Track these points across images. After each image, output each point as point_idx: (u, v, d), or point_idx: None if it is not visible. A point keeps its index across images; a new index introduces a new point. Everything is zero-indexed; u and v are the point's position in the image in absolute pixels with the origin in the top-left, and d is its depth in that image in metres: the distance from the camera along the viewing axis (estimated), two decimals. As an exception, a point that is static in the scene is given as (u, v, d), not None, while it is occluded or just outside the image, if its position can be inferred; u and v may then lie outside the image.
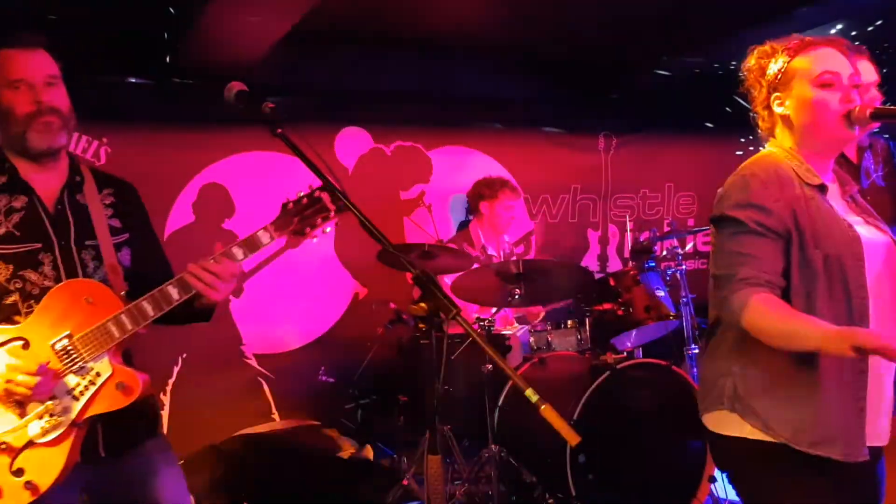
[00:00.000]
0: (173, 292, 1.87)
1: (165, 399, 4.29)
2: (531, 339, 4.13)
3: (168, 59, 4.13)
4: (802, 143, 1.88)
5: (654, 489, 3.44)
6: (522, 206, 5.44)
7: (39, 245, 1.90)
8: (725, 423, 1.87)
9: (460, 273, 3.87)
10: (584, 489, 3.28)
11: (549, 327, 4.17)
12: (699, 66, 5.02)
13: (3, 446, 1.79)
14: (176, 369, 4.30)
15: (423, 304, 1.65)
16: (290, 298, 4.67)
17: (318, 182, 1.86)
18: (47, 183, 1.97)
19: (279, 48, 3.98)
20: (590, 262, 5.77)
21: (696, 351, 4.25)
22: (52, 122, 1.91)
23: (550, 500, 3.41)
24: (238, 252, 1.92)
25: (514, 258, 4.78)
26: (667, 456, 3.48)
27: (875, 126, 1.87)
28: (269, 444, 3.96)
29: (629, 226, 4.99)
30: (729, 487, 3.34)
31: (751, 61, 1.96)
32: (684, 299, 4.36)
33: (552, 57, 5.21)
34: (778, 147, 1.91)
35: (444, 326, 2.10)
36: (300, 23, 3.65)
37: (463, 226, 4.99)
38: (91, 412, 1.82)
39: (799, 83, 1.85)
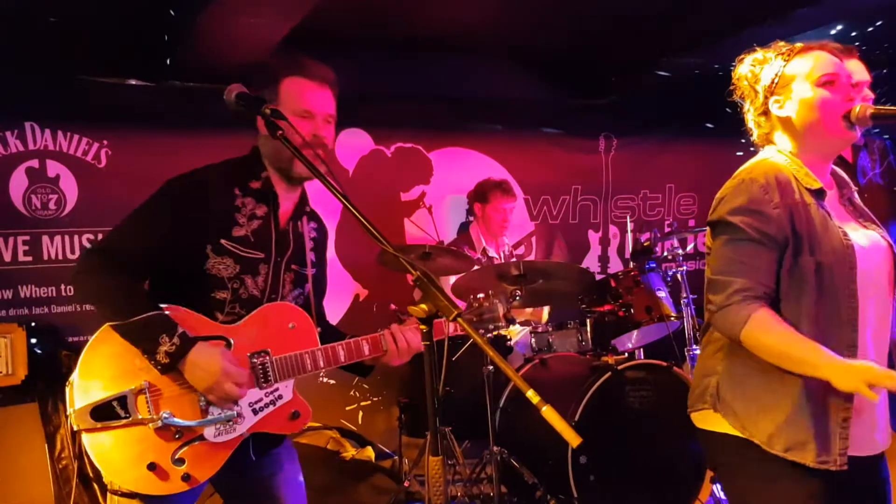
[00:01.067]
0: (365, 347, 2.05)
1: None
2: (532, 340, 4.13)
3: (168, 62, 4.13)
4: (804, 144, 1.88)
5: (656, 490, 3.44)
6: (522, 207, 5.45)
7: (263, 255, 2.00)
8: (708, 420, 1.90)
9: (461, 274, 3.87)
10: (586, 490, 3.28)
11: (550, 328, 4.17)
12: (699, 67, 5.01)
13: (177, 434, 1.85)
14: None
15: (423, 306, 1.64)
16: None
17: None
18: (286, 202, 2.07)
19: (279, 50, 3.98)
20: (590, 263, 5.77)
21: (697, 352, 4.25)
22: (321, 157, 1.99)
23: (552, 501, 3.41)
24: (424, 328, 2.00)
25: (514, 260, 4.79)
26: (668, 456, 3.48)
27: (870, 125, 1.87)
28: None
29: (630, 227, 4.99)
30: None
31: (742, 69, 1.95)
32: (685, 300, 4.36)
33: (553, 58, 5.21)
34: (777, 152, 1.90)
35: (446, 328, 2.11)
36: (300, 24, 3.66)
37: (464, 228, 4.99)
38: (263, 428, 1.94)
39: (799, 84, 1.84)
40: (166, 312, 1.85)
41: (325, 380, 4.77)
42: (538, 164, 5.53)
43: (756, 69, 1.92)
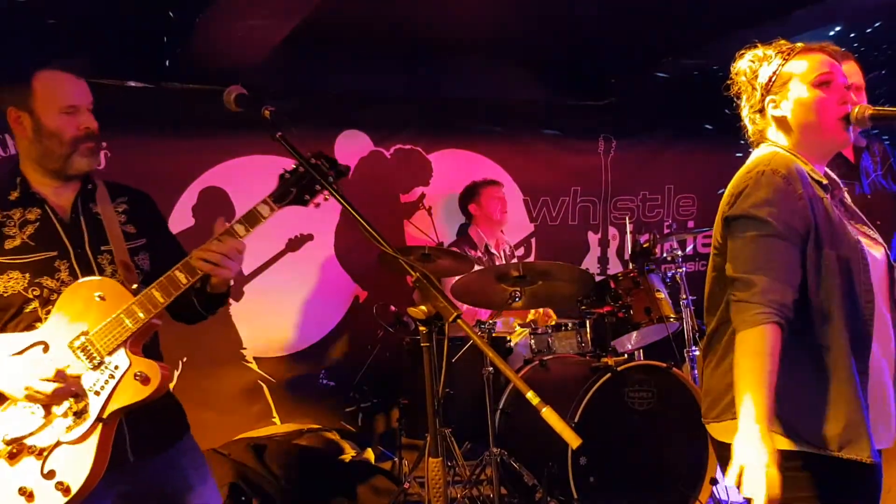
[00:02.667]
0: (180, 276, 1.89)
1: (166, 403, 4.28)
2: (532, 342, 4.13)
3: (168, 63, 4.13)
4: (799, 144, 1.87)
5: (656, 491, 3.44)
6: (521, 208, 5.45)
7: (55, 253, 1.95)
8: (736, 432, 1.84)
9: (460, 276, 3.87)
10: (586, 491, 3.28)
11: (549, 330, 4.17)
12: (698, 68, 5.02)
13: (33, 449, 1.81)
14: (176, 373, 4.29)
15: (423, 307, 1.64)
16: (290, 301, 4.67)
17: (314, 151, 1.90)
18: (60, 194, 2.02)
19: (278, 51, 3.98)
20: (590, 264, 5.77)
21: (697, 353, 4.25)
22: (94, 147, 2.00)
23: (552, 503, 3.41)
24: (240, 228, 1.94)
25: (515, 259, 4.80)
26: (668, 458, 3.48)
27: (869, 126, 1.87)
28: (270, 447, 3.96)
29: (629, 228, 4.99)
30: (731, 489, 3.35)
31: (741, 65, 1.94)
32: (684, 301, 4.36)
33: (552, 59, 5.21)
34: (780, 146, 1.89)
35: (446, 329, 2.11)
36: (299, 26, 3.66)
37: (463, 229, 4.99)
38: (114, 406, 1.84)
39: (795, 85, 1.84)
40: None
41: (324, 382, 4.77)
42: (537, 166, 5.53)
43: (755, 65, 1.91)
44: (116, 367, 1.85)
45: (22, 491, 1.79)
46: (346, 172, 1.92)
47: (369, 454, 4.37)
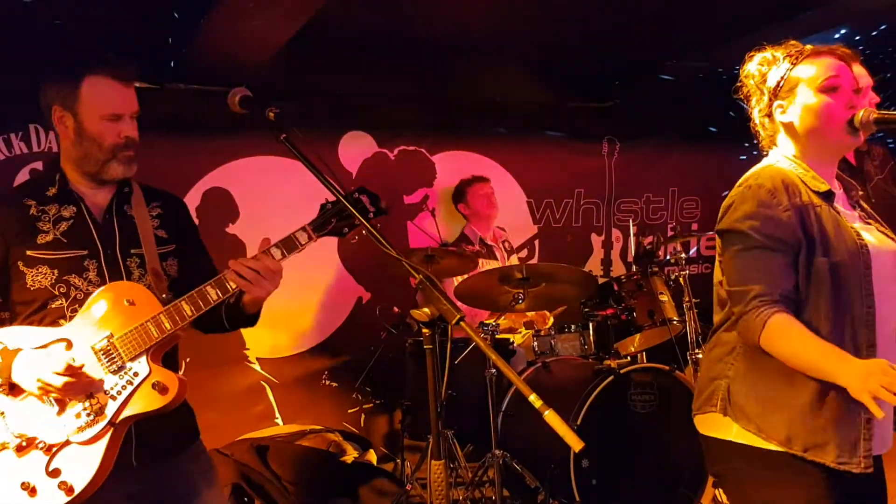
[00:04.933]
0: (211, 292, 1.90)
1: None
2: (535, 344, 4.12)
3: (173, 65, 4.14)
4: (807, 149, 1.88)
5: (658, 493, 3.44)
6: (524, 210, 5.45)
7: (85, 252, 1.96)
8: (714, 425, 1.89)
9: (463, 277, 3.88)
10: (588, 494, 3.28)
11: (552, 332, 4.17)
12: (702, 71, 5.01)
13: (41, 444, 1.82)
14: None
15: (426, 309, 1.64)
16: (293, 303, 4.67)
17: (357, 186, 1.94)
18: (97, 195, 2.04)
19: (283, 53, 3.99)
20: (593, 266, 5.77)
21: (700, 355, 4.24)
22: (133, 156, 2.01)
23: (554, 505, 3.41)
24: (276, 252, 1.95)
25: (506, 242, 4.83)
26: (670, 460, 3.47)
27: (874, 130, 1.86)
28: (273, 448, 3.96)
29: (633, 230, 4.98)
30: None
31: (750, 68, 1.95)
32: (688, 304, 4.35)
33: (556, 61, 5.21)
34: (781, 156, 1.91)
35: (450, 331, 2.10)
36: (304, 27, 3.66)
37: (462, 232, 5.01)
38: (128, 412, 1.84)
39: (803, 90, 1.85)
40: None
41: (327, 383, 4.77)
42: (541, 168, 5.52)
43: (764, 69, 1.91)
44: (136, 374, 1.86)
45: (25, 485, 1.79)
46: (386, 211, 1.96)
47: (371, 455, 4.37)
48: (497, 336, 3.96)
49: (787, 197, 1.78)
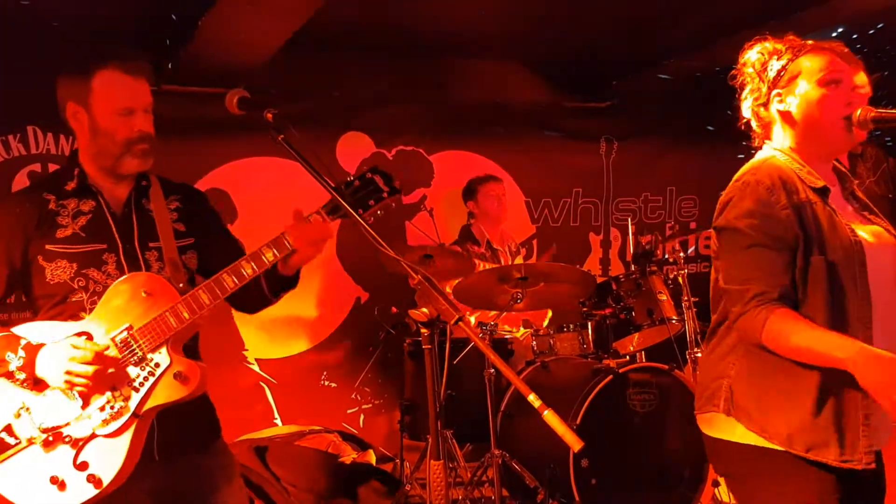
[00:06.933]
0: (228, 280, 1.90)
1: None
2: (534, 343, 4.13)
3: (170, 66, 4.14)
4: (802, 142, 1.87)
5: (657, 493, 3.44)
6: (523, 210, 5.45)
7: (104, 246, 1.97)
8: (716, 424, 1.89)
9: (463, 277, 3.87)
10: (587, 493, 3.28)
11: (551, 331, 4.17)
12: (700, 70, 5.02)
13: (67, 438, 1.83)
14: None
15: (425, 310, 1.65)
16: (291, 303, 4.66)
17: (370, 166, 1.94)
18: (115, 188, 2.04)
19: (281, 54, 3.99)
20: (592, 265, 5.77)
21: (699, 354, 4.25)
22: (148, 149, 2.01)
23: (553, 505, 3.41)
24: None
25: (511, 244, 4.82)
26: (670, 460, 3.47)
27: (864, 135, 1.86)
28: (272, 448, 3.96)
29: (631, 229, 4.99)
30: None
31: (750, 55, 1.93)
32: (686, 303, 4.36)
33: (554, 61, 5.21)
34: (776, 150, 1.90)
35: (448, 331, 2.10)
36: (301, 28, 3.66)
37: (465, 230, 5.00)
38: (151, 403, 1.85)
39: (804, 81, 1.84)
40: (7, 331, 1.87)
41: (326, 383, 4.77)
42: (539, 167, 5.53)
43: (764, 58, 1.90)
44: (157, 365, 1.86)
45: (54, 479, 1.81)
46: (400, 190, 1.96)
47: (370, 456, 4.37)
48: (495, 336, 3.96)
49: (785, 194, 1.77)
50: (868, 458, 1.73)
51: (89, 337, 1.87)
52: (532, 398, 1.44)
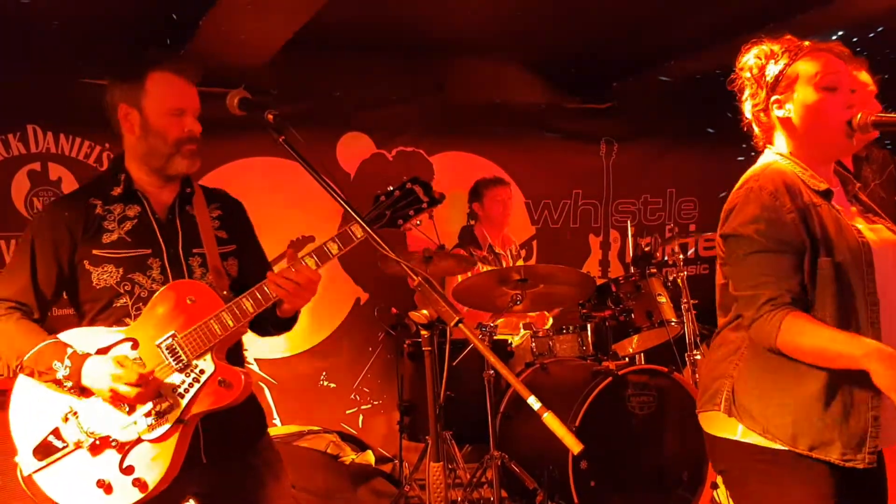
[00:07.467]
0: (270, 290, 1.93)
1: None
2: (533, 345, 4.12)
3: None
4: (803, 147, 1.87)
5: (656, 495, 3.44)
6: (523, 211, 5.45)
7: (149, 251, 1.99)
8: (718, 423, 1.89)
9: (464, 278, 3.87)
10: (586, 495, 3.28)
11: (551, 333, 4.16)
12: (700, 72, 5.02)
13: (114, 443, 1.86)
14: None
15: (424, 311, 1.64)
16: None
17: (410, 175, 1.99)
18: (161, 194, 2.07)
19: (281, 54, 3.99)
20: (591, 267, 5.77)
21: (698, 357, 4.25)
22: (195, 150, 2.05)
23: (552, 506, 3.40)
24: (333, 247, 2.00)
25: (513, 248, 4.82)
26: (669, 462, 3.47)
27: (875, 135, 1.85)
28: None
29: (631, 231, 4.99)
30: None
31: (748, 59, 1.92)
32: (686, 305, 4.36)
33: (554, 62, 5.21)
34: (778, 154, 1.90)
35: (448, 333, 2.10)
36: (302, 29, 3.66)
37: (466, 231, 5.00)
38: (196, 409, 1.88)
39: (801, 86, 1.83)
40: (55, 339, 1.89)
41: (325, 384, 4.77)
42: (539, 169, 5.53)
43: (761, 62, 1.89)
44: (202, 372, 1.89)
45: (100, 483, 1.83)
46: (440, 199, 1.99)
47: (369, 457, 4.36)
48: (495, 337, 3.95)
49: (789, 199, 1.77)
50: (871, 458, 1.74)
51: (135, 343, 1.89)
52: (532, 400, 1.43)
